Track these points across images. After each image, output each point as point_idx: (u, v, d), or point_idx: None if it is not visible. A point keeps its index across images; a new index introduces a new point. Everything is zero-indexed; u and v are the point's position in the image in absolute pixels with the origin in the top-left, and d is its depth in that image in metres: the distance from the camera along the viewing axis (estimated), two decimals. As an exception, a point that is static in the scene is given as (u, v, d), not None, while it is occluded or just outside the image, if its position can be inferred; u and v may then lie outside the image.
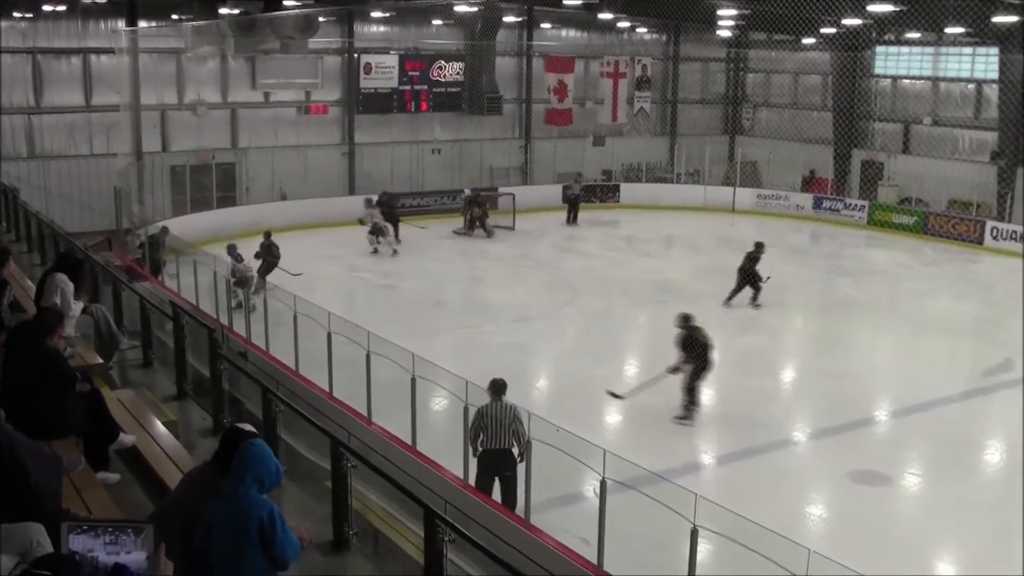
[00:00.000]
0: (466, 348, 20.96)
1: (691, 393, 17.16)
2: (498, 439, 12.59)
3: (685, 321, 17.51)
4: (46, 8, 31.28)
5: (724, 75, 48.04)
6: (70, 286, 11.43)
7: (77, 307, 11.64)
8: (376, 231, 29.76)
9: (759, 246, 25.03)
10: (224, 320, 18.64)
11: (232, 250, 23.46)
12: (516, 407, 12.72)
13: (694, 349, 17.10)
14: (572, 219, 36.50)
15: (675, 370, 17.10)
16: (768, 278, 24.57)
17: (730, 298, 24.73)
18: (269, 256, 24.46)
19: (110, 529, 5.06)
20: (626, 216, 38.09)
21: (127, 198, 28.65)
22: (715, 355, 17.42)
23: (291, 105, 36.95)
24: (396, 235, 30.74)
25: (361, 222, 30.46)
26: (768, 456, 16.37)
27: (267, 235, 24.83)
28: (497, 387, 12.98)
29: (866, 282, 29.49)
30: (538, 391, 19.34)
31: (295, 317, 16.76)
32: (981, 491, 15.33)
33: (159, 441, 9.44)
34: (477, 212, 33.44)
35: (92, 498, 7.62)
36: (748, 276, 24.81)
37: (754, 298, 24.84)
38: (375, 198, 31.75)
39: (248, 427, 6.49)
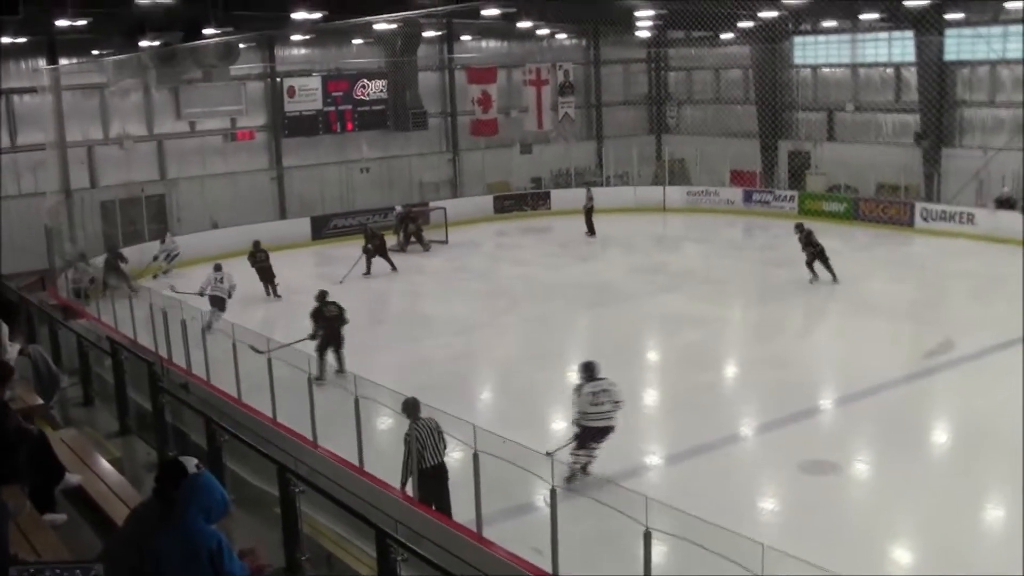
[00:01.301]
0: (409, 364, 20.90)
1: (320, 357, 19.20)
2: (437, 454, 12.71)
3: (320, 297, 20.06)
4: (-36, 52, 30.89)
5: (646, 75, 48.30)
6: (4, 328, 11.28)
7: (13, 349, 11.48)
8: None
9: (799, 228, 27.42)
10: (163, 353, 18.47)
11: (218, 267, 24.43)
12: (436, 421, 12.92)
13: (320, 320, 19.65)
14: (590, 231, 35.69)
15: (312, 336, 19.46)
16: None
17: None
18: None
19: (58, 571, 5.00)
20: (558, 222, 38.19)
21: (58, 236, 28.31)
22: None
23: (217, 133, 36.74)
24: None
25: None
26: (716, 452, 16.41)
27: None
28: (413, 406, 13.05)
29: (801, 270, 29.75)
30: (482, 402, 19.39)
31: (234, 344, 16.64)
32: (930, 473, 15.47)
33: (105, 479, 9.35)
34: (412, 227, 33.40)
35: (40, 541, 7.53)
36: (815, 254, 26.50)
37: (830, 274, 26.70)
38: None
39: (190, 460, 6.43)
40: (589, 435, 14.49)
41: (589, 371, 14.94)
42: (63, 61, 32.24)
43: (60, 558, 7.06)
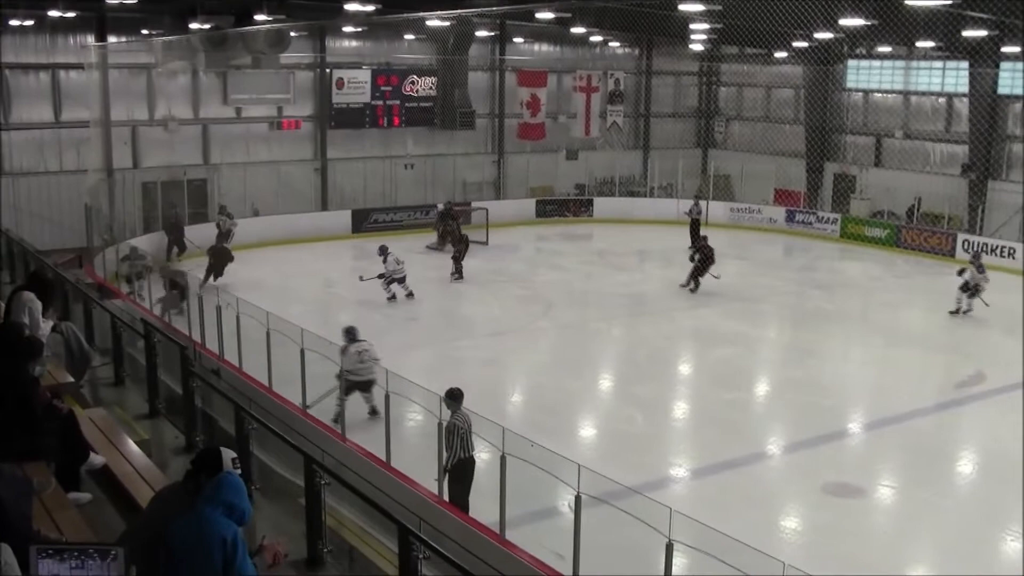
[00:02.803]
0: (441, 363, 20.91)
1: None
2: (467, 447, 12.82)
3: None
4: (13, 23, 31.00)
5: (697, 88, 48.16)
6: (38, 304, 11.30)
7: (47, 325, 11.53)
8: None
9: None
10: (197, 338, 18.52)
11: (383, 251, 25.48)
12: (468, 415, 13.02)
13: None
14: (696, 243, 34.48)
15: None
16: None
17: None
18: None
19: (75, 553, 4.98)
20: (599, 230, 38.14)
21: (98, 215, 28.47)
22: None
23: (263, 120, 36.82)
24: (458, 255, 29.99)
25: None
26: (742, 469, 16.38)
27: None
28: (456, 397, 13.10)
29: (839, 294, 29.61)
30: (512, 405, 19.33)
31: (268, 333, 16.68)
32: (954, 502, 15.41)
33: (131, 460, 9.37)
34: (451, 225, 33.34)
35: (63, 519, 7.54)
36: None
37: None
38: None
39: (231, 453, 6.42)
40: (355, 387, 16.30)
41: (351, 335, 16.86)
42: (112, 39, 32.41)
43: (83, 537, 7.07)
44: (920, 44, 36.09)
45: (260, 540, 6.36)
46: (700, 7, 25.64)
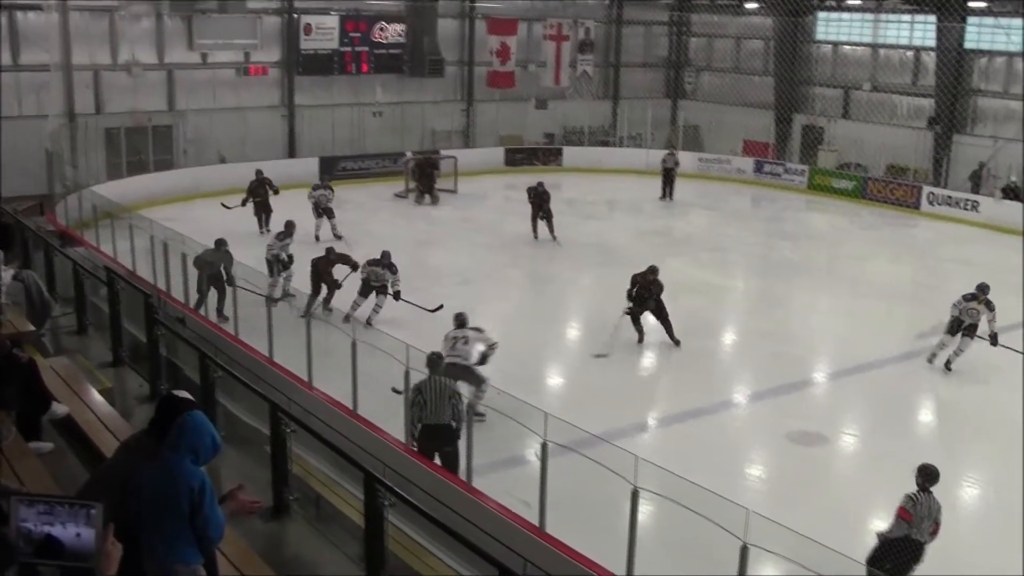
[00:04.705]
0: (407, 312, 20.84)
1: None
2: (437, 414, 12.39)
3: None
4: (-35, -38, 30.35)
5: (667, 39, 47.82)
6: (-1, 253, 11.21)
7: (7, 273, 11.43)
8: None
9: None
10: (162, 286, 18.40)
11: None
12: (454, 382, 12.63)
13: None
14: (668, 194, 35.23)
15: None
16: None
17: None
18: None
19: (53, 507, 4.89)
20: (568, 179, 38.03)
21: (59, 161, 28.11)
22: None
23: (229, 66, 36.34)
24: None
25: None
26: (709, 417, 16.51)
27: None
28: (434, 361, 12.80)
29: (806, 245, 29.72)
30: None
31: (233, 283, 16.60)
32: (914, 449, 15.53)
33: (94, 409, 9.32)
34: (428, 171, 33.25)
35: (24, 468, 7.51)
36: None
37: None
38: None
39: (185, 394, 6.37)
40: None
41: (457, 319, 16.21)
42: (72, -22, 31.79)
43: (45, 487, 7.02)
44: (889, -3, 36.12)
45: (232, 488, 6.33)
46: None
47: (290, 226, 21.39)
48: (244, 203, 27.22)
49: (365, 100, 38.56)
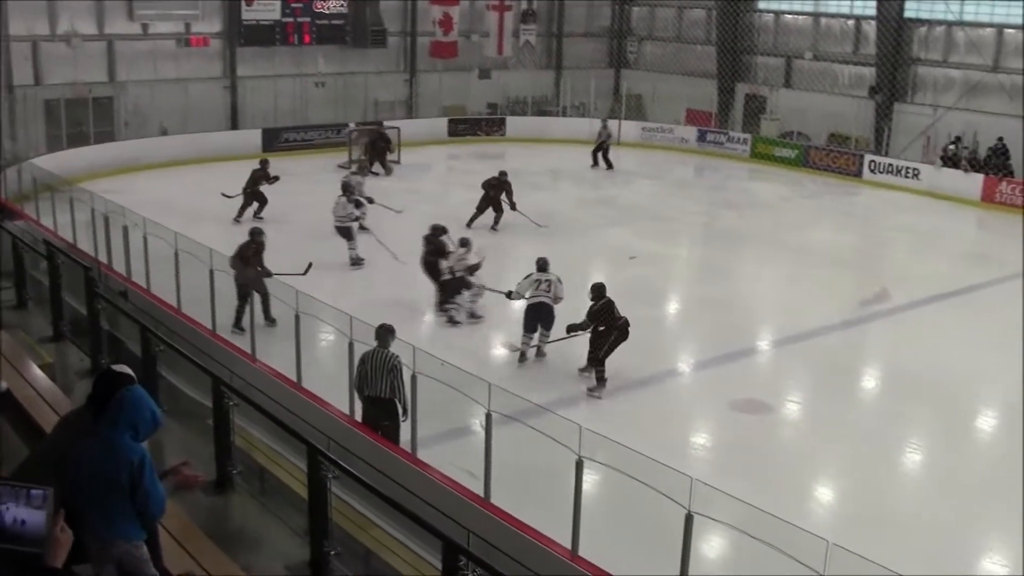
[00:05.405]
0: (352, 282, 20.81)
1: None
2: (376, 388, 12.33)
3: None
4: None
5: (609, 8, 47.85)
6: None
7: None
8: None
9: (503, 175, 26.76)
10: (103, 259, 18.22)
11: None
12: (396, 356, 12.35)
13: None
14: (608, 165, 35.50)
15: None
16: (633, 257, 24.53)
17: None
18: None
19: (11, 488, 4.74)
20: (512, 149, 38.03)
21: (-2, 133, 27.77)
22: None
23: (170, 37, 35.88)
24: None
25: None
26: (654, 386, 16.67)
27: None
28: (380, 333, 12.68)
29: (749, 214, 29.92)
30: (425, 324, 19.36)
31: (176, 254, 16.46)
32: (857, 416, 15.79)
33: (35, 384, 9.24)
34: (381, 147, 33.17)
35: (-37, 444, 7.44)
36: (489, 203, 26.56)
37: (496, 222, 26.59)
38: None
39: (124, 369, 6.32)
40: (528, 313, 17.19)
41: (539, 264, 17.89)
42: (7, -55, 31.21)
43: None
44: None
45: (175, 464, 6.31)
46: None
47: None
48: (245, 192, 26.41)
49: (308, 71, 38.25)
